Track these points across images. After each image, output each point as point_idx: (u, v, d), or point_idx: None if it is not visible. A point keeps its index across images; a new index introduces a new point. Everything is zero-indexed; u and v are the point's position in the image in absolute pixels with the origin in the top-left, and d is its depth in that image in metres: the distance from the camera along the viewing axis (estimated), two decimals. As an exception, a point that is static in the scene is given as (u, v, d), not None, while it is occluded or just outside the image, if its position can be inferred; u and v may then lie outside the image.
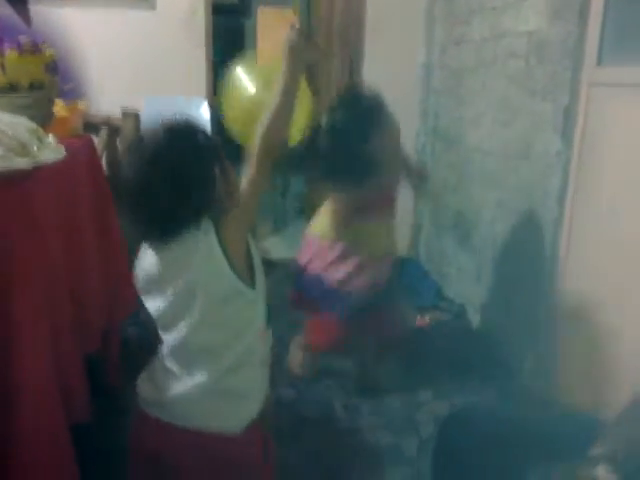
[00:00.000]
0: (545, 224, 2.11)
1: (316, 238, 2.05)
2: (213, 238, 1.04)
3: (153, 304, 1.10)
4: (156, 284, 1.08)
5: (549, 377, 2.18)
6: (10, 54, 1.39)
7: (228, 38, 5.52)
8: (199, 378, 1.06)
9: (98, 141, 3.05)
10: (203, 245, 1.04)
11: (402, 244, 3.44)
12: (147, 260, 1.10)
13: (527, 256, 2.24)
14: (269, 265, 2.42)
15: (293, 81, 1.16)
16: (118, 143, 3.17)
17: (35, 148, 1.24)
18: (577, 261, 2.02)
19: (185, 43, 3.15)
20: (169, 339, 1.09)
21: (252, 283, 1.09)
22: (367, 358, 2.18)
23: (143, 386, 1.13)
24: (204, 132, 1.08)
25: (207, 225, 1.05)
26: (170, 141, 1.04)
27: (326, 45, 3.80)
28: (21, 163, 1.17)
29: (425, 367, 2.29)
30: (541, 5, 2.09)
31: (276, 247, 3.62)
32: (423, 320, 2.58)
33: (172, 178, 1.01)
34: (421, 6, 3.20)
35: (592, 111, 1.91)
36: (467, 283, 2.78)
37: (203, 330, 1.06)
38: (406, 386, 2.18)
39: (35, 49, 1.41)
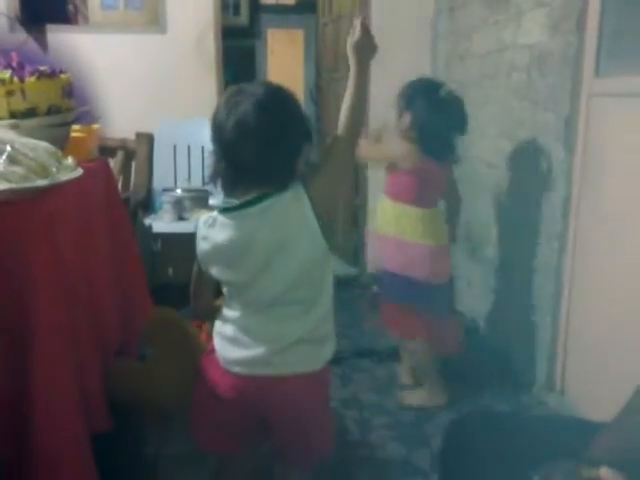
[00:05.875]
0: (551, 235, 2.13)
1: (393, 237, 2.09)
2: (306, 200, 1.13)
3: (235, 272, 1.17)
4: (241, 251, 1.14)
5: (561, 390, 2.19)
6: (29, 80, 1.47)
7: (239, 59, 5.66)
8: (295, 330, 1.18)
9: (114, 163, 3.15)
10: (299, 206, 1.13)
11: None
12: (225, 233, 1.15)
13: (534, 268, 2.26)
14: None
15: (363, 75, 1.24)
16: (133, 165, 3.27)
17: (54, 169, 1.31)
18: (582, 272, 2.04)
19: (196, 66, 3.24)
20: (261, 298, 1.18)
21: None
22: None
23: (228, 349, 1.21)
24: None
25: (298, 187, 1.14)
26: (276, 95, 1.14)
27: (333, 67, 3.90)
28: (41, 182, 1.24)
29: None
30: (541, 18, 2.14)
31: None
32: None
33: (287, 133, 1.11)
34: (426, 22, 3.27)
35: (592, 121, 1.94)
36: (478, 296, 2.80)
37: (298, 287, 1.16)
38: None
39: (52, 74, 1.49)
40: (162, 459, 1.65)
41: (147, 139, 3.21)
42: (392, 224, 2.08)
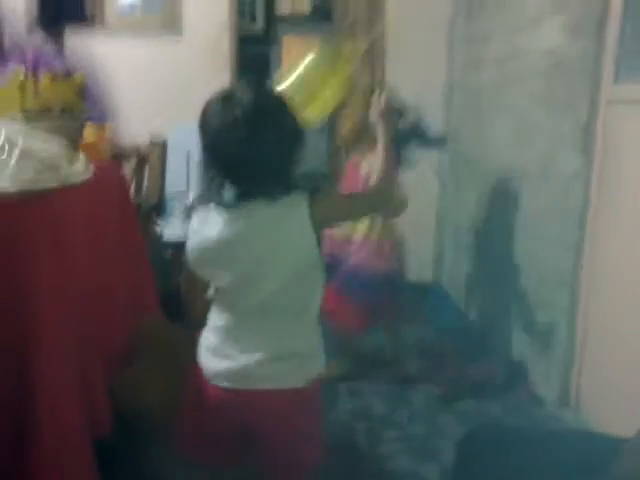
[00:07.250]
0: (567, 245, 2.09)
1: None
2: (306, 212, 1.10)
3: (222, 273, 1.14)
4: (232, 252, 1.12)
5: (575, 406, 2.13)
6: (44, 79, 1.46)
7: (254, 65, 5.67)
8: (281, 341, 1.14)
9: (127, 169, 3.14)
10: (296, 215, 1.10)
11: (426, 270, 3.44)
12: (216, 228, 1.12)
13: (550, 279, 2.21)
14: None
15: (390, 144, 1.31)
16: (146, 171, 3.27)
17: (64, 168, 1.30)
18: (600, 283, 1.99)
19: (211, 70, 3.24)
20: (247, 304, 1.14)
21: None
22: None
23: (211, 360, 1.18)
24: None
25: (301, 198, 1.12)
26: (272, 101, 1.14)
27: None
28: (51, 182, 1.22)
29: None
30: (559, 23, 2.10)
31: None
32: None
33: (278, 137, 1.10)
34: (442, 28, 3.24)
35: (611, 128, 1.91)
36: (492, 306, 2.75)
37: (285, 297, 1.13)
38: (426, 412, 2.18)
39: (67, 75, 1.48)
40: (157, 470, 1.61)
41: (160, 145, 3.21)
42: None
